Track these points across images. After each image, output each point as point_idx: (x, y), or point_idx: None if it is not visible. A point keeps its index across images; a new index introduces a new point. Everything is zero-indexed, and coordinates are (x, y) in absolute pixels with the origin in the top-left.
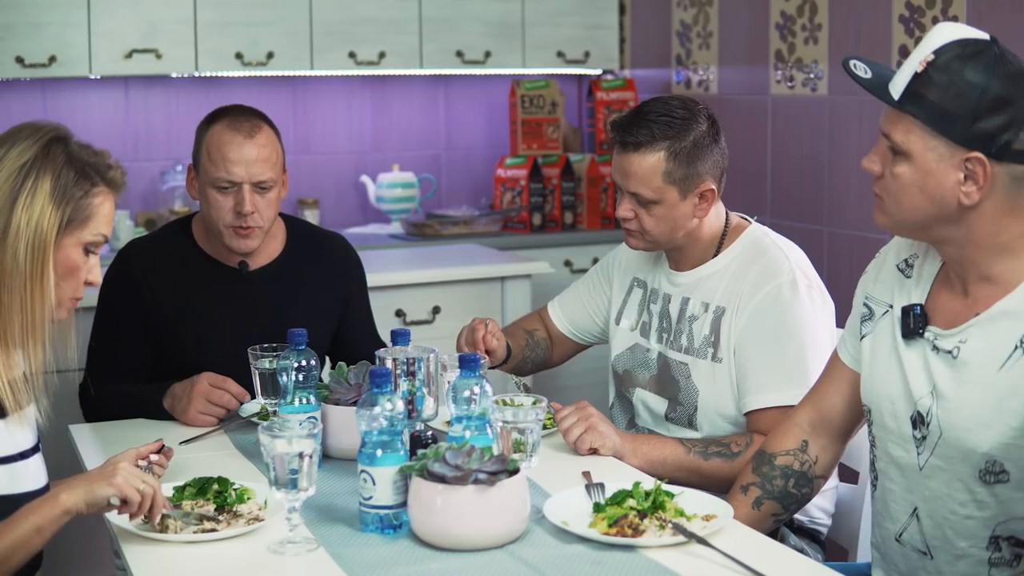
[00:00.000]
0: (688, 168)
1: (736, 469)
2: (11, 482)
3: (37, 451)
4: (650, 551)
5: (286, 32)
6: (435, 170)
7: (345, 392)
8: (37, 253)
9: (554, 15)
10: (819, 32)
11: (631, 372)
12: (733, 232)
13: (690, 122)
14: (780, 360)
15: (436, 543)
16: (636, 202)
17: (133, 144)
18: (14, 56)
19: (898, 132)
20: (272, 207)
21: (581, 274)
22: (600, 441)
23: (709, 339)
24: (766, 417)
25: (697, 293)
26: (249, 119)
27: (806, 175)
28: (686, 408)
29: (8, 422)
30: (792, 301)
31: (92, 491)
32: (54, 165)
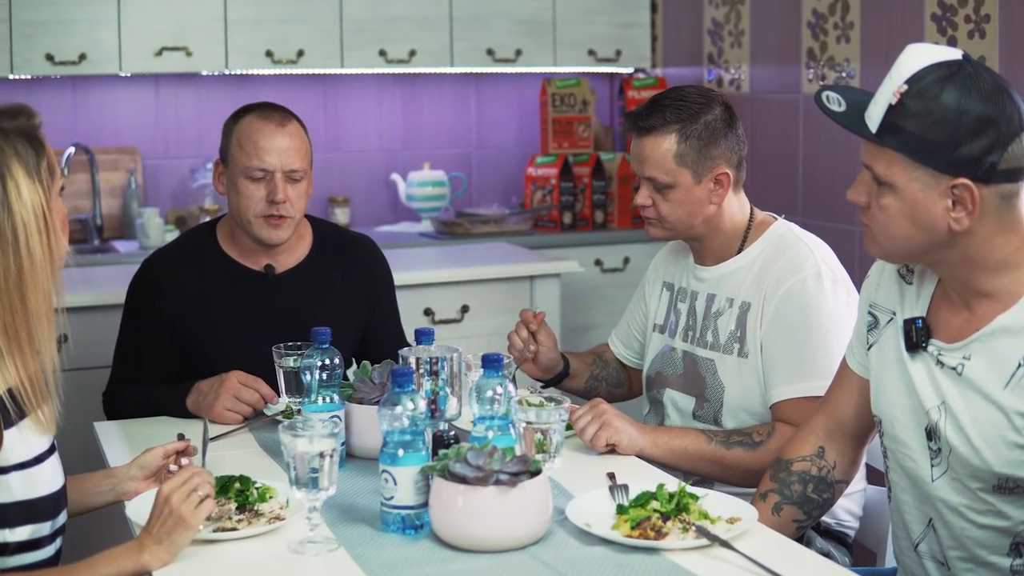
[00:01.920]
0: (701, 151)
1: (758, 459)
2: (28, 486)
3: (53, 452)
4: (673, 554)
5: (316, 30)
6: (466, 168)
7: (369, 391)
8: (44, 233)
9: (586, 13)
10: (851, 31)
11: (661, 373)
12: (758, 227)
13: (703, 107)
14: (804, 352)
15: (457, 544)
16: (652, 188)
17: (163, 142)
18: (44, 53)
19: (880, 165)
20: (302, 199)
21: (612, 274)
22: (616, 437)
23: (735, 334)
24: (790, 408)
25: (722, 288)
26: (279, 110)
27: (838, 174)
28: (712, 404)
29: (22, 427)
30: (816, 294)
31: (177, 544)
32: (11, 150)
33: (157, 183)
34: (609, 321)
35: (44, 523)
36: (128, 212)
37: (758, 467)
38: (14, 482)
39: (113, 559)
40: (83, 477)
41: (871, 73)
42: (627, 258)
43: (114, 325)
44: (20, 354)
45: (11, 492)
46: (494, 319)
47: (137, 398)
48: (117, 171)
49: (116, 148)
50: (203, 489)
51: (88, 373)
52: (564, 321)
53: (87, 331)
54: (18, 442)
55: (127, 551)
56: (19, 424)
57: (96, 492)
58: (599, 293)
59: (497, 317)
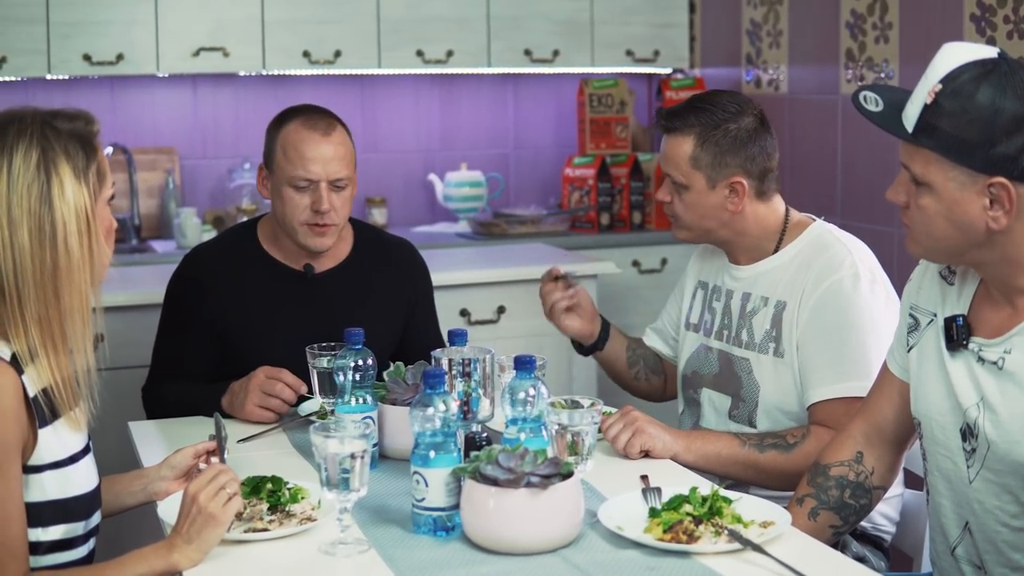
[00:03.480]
0: (717, 157)
1: (793, 462)
2: (62, 486)
3: (88, 452)
4: (705, 558)
5: (354, 30)
6: (503, 169)
7: (402, 392)
8: (85, 235)
9: (623, 13)
10: (890, 31)
11: (698, 372)
12: (795, 228)
13: (731, 115)
14: (841, 352)
15: (488, 546)
16: (672, 186)
17: (201, 142)
18: (81, 54)
19: (917, 165)
20: (347, 205)
21: (649, 275)
22: (650, 443)
23: (770, 333)
24: (827, 409)
25: (758, 287)
26: (324, 118)
27: (876, 175)
28: (748, 404)
29: (57, 426)
30: (853, 294)
31: (207, 543)
32: (61, 149)
33: (195, 183)
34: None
35: (78, 523)
36: (166, 212)
37: (793, 470)
38: (48, 481)
39: (143, 558)
40: (115, 478)
41: (910, 73)
42: (664, 259)
43: (151, 325)
44: (54, 351)
45: (45, 491)
46: (530, 320)
47: (175, 395)
48: (155, 171)
49: (154, 148)
50: (231, 487)
51: (125, 373)
52: None
53: (124, 331)
54: (52, 441)
55: (157, 551)
56: (53, 424)
57: (127, 493)
58: (636, 294)
59: (533, 318)
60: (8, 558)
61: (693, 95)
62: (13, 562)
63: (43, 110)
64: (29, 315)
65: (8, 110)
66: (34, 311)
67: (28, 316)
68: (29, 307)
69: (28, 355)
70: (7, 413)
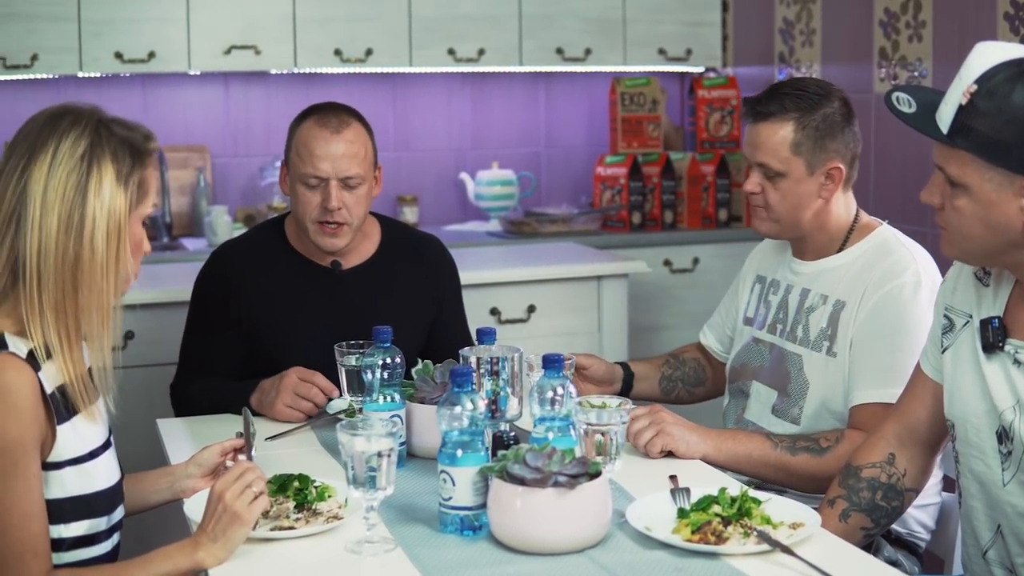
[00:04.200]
0: (817, 142)
1: (825, 466)
2: (83, 482)
3: (108, 447)
4: (733, 559)
5: (385, 28)
6: (535, 168)
7: (431, 390)
8: (113, 239)
9: (655, 12)
10: (923, 29)
11: (747, 365)
12: (862, 229)
13: (822, 99)
14: (891, 358)
15: (515, 546)
16: (763, 175)
17: (232, 140)
18: (113, 52)
19: (952, 166)
20: (361, 204)
21: (681, 274)
22: (672, 444)
23: (825, 332)
24: (867, 412)
25: (818, 285)
26: (338, 115)
27: (910, 175)
28: (794, 400)
29: (76, 422)
30: (912, 302)
31: (233, 542)
32: (110, 149)
33: (226, 181)
34: (678, 323)
35: (100, 518)
36: (197, 210)
37: (825, 474)
38: (68, 478)
39: (169, 556)
40: (141, 475)
41: (943, 72)
42: (696, 258)
43: (181, 323)
44: (68, 344)
45: (65, 488)
46: (561, 319)
47: (203, 392)
48: (186, 169)
49: (185, 146)
50: (257, 485)
51: (155, 370)
52: (632, 322)
53: (154, 328)
54: (71, 438)
55: (183, 548)
56: (72, 420)
57: (154, 490)
58: (668, 294)
59: (564, 317)
60: (30, 556)
61: (775, 83)
62: (35, 560)
63: (105, 113)
64: (46, 299)
65: (70, 102)
66: (51, 296)
67: (45, 300)
68: (47, 291)
69: (44, 351)
70: (24, 411)
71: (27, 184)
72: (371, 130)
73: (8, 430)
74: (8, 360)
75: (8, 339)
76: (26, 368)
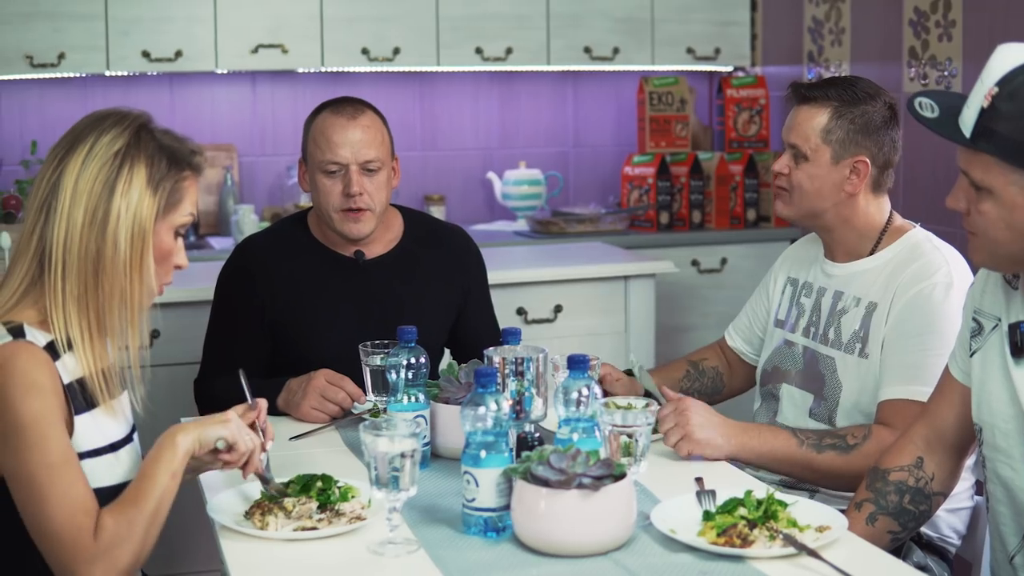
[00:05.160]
0: (849, 134)
1: (851, 463)
2: (103, 474)
3: (129, 441)
4: (759, 562)
5: (412, 27)
6: (562, 167)
7: (455, 391)
8: (137, 241)
9: (684, 11)
10: (953, 29)
11: (779, 368)
12: (895, 232)
13: (868, 97)
14: (920, 357)
15: (538, 548)
16: (792, 156)
17: (260, 139)
18: (140, 50)
19: (976, 170)
20: (382, 190)
21: (709, 275)
22: (698, 451)
23: (858, 334)
24: (894, 408)
25: (851, 287)
26: (352, 104)
27: (939, 176)
28: (829, 403)
29: (95, 414)
30: (944, 303)
31: (205, 431)
32: (146, 152)
33: (253, 180)
34: (705, 323)
35: None
36: (224, 209)
37: (851, 471)
38: (86, 468)
39: (156, 460)
40: None
41: (973, 72)
42: (724, 259)
43: (207, 321)
44: (89, 338)
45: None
46: (587, 319)
47: (227, 389)
48: (213, 168)
49: (212, 145)
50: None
51: (180, 368)
52: (659, 322)
53: (180, 326)
54: (90, 429)
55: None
56: (91, 412)
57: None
58: (696, 294)
59: (591, 317)
60: (81, 515)
61: (830, 76)
62: (87, 518)
63: (155, 121)
64: (69, 291)
65: (120, 107)
66: (73, 288)
67: (68, 292)
68: (70, 283)
69: (65, 344)
70: (45, 387)
71: (61, 175)
72: (385, 119)
73: (30, 404)
74: (22, 345)
75: (27, 329)
76: (43, 355)
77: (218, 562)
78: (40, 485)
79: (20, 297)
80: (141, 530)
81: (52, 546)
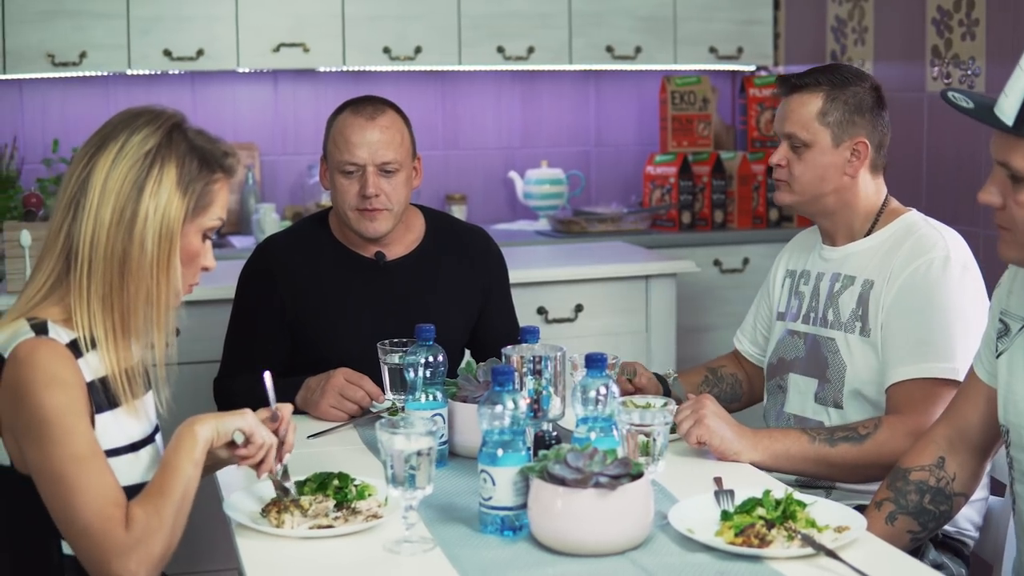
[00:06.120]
0: (845, 115)
1: (865, 453)
2: (123, 473)
3: (151, 442)
4: (777, 563)
5: (434, 26)
6: (584, 167)
7: (474, 389)
8: (164, 241)
9: (706, 10)
10: (976, 28)
11: (784, 359)
12: (890, 214)
13: (856, 79)
14: (924, 334)
15: (555, 547)
16: (790, 146)
17: (281, 138)
18: (162, 49)
19: (1018, 158)
20: (400, 191)
21: (730, 275)
22: (707, 436)
23: (856, 312)
24: (905, 391)
25: (846, 267)
26: (373, 104)
27: (963, 175)
28: (834, 385)
29: (117, 413)
30: (942, 277)
31: (223, 421)
32: (178, 153)
33: (275, 179)
34: (726, 323)
35: None
36: (245, 207)
37: (866, 461)
38: None
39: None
40: None
41: (996, 71)
42: (747, 259)
43: (227, 320)
44: (114, 337)
45: None
46: (608, 319)
47: (246, 387)
48: None
49: (234, 143)
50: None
51: (200, 367)
52: (680, 322)
53: (201, 325)
54: (112, 428)
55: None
56: (113, 411)
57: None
58: (717, 294)
59: (611, 317)
60: (112, 507)
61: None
62: (117, 509)
63: (188, 121)
64: (94, 290)
65: (154, 104)
66: (99, 287)
67: (93, 291)
68: (96, 282)
69: (88, 342)
70: (68, 381)
71: (90, 172)
72: (408, 119)
73: (54, 398)
74: (44, 342)
75: (51, 326)
76: (65, 351)
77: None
78: (68, 479)
79: (46, 294)
80: (170, 519)
81: (84, 541)
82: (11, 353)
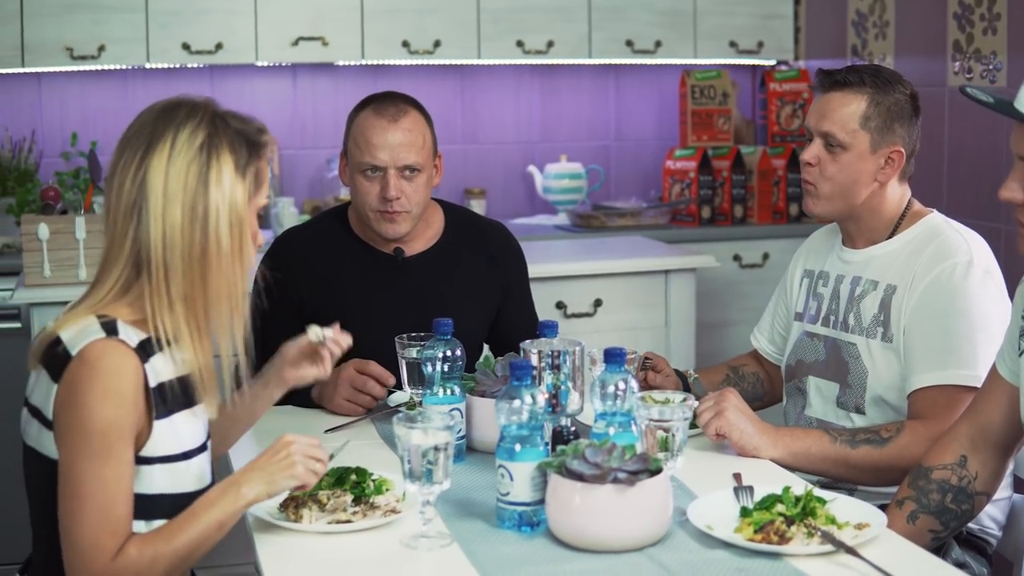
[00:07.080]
0: (886, 122)
1: (886, 456)
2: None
3: (203, 451)
4: (796, 560)
5: (453, 20)
6: (604, 161)
7: (491, 384)
8: (235, 229)
9: (727, 4)
10: (998, 22)
11: (803, 361)
12: (913, 216)
13: (897, 85)
14: (946, 340)
15: (573, 543)
16: (824, 145)
17: (300, 132)
18: (181, 43)
19: None
20: (420, 192)
21: (750, 270)
22: (726, 429)
23: (878, 318)
24: (928, 398)
25: (868, 271)
26: (396, 104)
27: (984, 170)
28: (856, 391)
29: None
30: (964, 282)
31: (275, 483)
32: (227, 139)
33: (293, 173)
34: (746, 319)
35: None
36: None
37: (886, 465)
38: (157, 474)
39: (212, 503)
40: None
41: (1018, 66)
42: (766, 254)
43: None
44: (198, 334)
45: (153, 484)
46: (627, 313)
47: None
48: None
49: None
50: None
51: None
52: (700, 318)
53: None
54: (167, 435)
55: (224, 488)
56: (170, 417)
57: (259, 401)
58: (737, 289)
59: (630, 312)
60: (107, 536)
61: (852, 64)
62: (112, 539)
63: (219, 105)
64: (175, 291)
65: (184, 95)
66: (180, 288)
67: (174, 292)
68: (176, 283)
69: (167, 339)
70: (125, 396)
71: (147, 174)
72: (430, 118)
73: (105, 411)
74: (114, 345)
75: (121, 326)
76: (132, 356)
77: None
78: (83, 490)
79: (116, 296)
80: (161, 570)
81: (69, 550)
82: (79, 352)
